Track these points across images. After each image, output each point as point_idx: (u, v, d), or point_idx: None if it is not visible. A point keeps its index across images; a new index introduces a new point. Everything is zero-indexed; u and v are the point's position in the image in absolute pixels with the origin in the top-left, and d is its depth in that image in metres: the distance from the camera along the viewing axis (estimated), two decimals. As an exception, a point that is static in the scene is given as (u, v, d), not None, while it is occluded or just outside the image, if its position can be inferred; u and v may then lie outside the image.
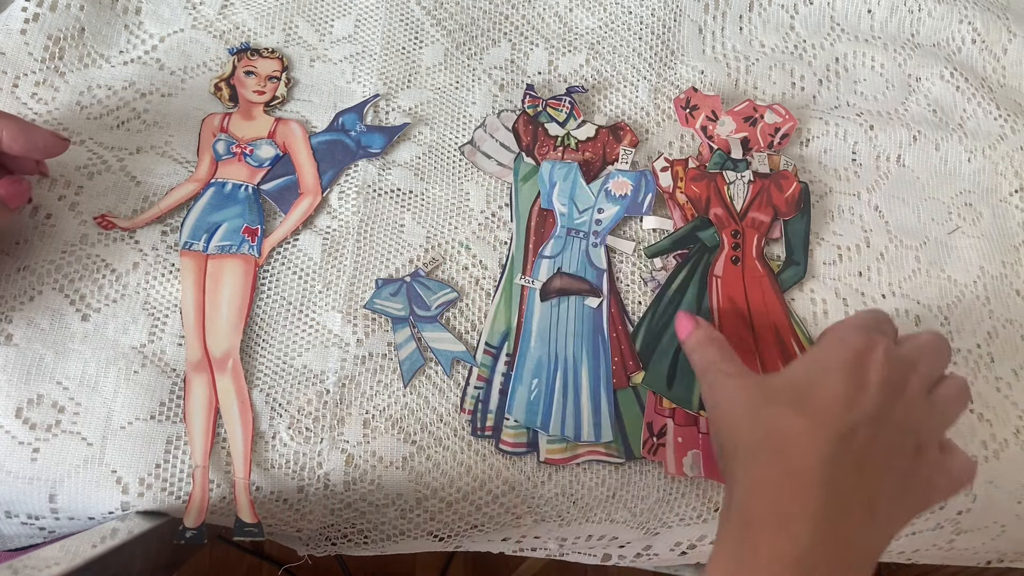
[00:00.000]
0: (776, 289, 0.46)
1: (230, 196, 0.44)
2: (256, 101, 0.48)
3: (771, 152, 0.49)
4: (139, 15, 0.49)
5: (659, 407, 0.43)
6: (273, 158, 0.46)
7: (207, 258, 0.43)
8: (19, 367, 0.39)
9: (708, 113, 0.50)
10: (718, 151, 0.49)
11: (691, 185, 0.48)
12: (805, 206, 0.48)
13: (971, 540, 0.46)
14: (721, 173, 0.48)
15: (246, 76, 0.48)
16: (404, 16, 0.52)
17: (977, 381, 0.46)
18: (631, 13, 0.54)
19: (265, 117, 0.47)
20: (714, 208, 0.47)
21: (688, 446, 0.42)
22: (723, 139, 0.49)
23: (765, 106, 0.50)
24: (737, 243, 0.47)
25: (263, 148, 0.46)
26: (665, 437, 0.42)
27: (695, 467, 0.42)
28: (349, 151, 0.47)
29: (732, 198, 0.47)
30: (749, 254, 0.46)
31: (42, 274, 0.41)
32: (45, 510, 0.38)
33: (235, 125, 0.47)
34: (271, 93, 0.48)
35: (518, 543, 0.45)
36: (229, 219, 0.44)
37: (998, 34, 0.57)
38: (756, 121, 0.50)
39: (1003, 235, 0.51)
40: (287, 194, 0.45)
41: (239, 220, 0.44)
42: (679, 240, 0.47)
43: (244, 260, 0.43)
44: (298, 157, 0.46)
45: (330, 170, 0.46)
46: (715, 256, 0.46)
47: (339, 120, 0.48)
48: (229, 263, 0.43)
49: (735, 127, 0.50)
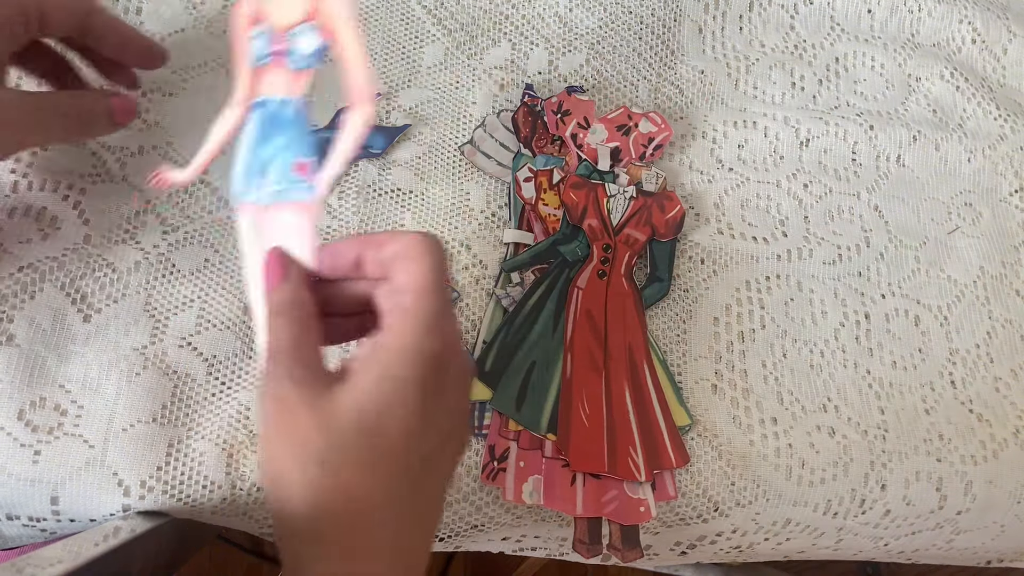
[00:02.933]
0: (639, 309, 0.45)
1: (275, 120, 0.34)
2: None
3: (640, 164, 0.47)
4: (139, 15, 0.49)
5: (504, 429, 0.41)
6: (317, 51, 0.33)
7: (265, 209, 0.33)
8: (21, 369, 0.39)
9: (580, 120, 0.48)
10: (584, 162, 0.47)
11: (570, 191, 0.46)
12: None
13: (971, 540, 0.46)
14: (603, 184, 0.46)
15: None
16: (405, 15, 0.52)
17: (976, 381, 0.47)
18: (631, 13, 0.54)
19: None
20: (589, 219, 0.45)
21: (530, 471, 0.41)
22: (592, 148, 0.47)
23: (641, 114, 0.49)
24: (607, 257, 0.45)
25: (303, 37, 0.33)
26: (507, 461, 0.41)
27: (535, 494, 0.40)
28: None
29: (610, 211, 0.46)
30: (617, 270, 0.45)
31: (44, 271, 0.41)
32: (47, 512, 0.38)
33: (267, 7, 0.34)
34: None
35: (518, 543, 0.45)
36: (278, 153, 0.34)
37: (998, 34, 0.57)
38: (630, 130, 0.48)
39: (1003, 235, 0.51)
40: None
41: (288, 153, 0.34)
42: (539, 254, 0.45)
43: (301, 208, 0.33)
44: (345, 48, 0.33)
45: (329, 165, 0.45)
46: (581, 267, 0.45)
47: (340, 118, 0.47)
48: (285, 213, 0.33)
49: (607, 136, 0.48)
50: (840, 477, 0.43)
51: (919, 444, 0.44)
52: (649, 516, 0.40)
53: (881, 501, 0.43)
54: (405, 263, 0.29)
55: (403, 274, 0.29)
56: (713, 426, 0.43)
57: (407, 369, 0.28)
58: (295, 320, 0.29)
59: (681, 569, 0.55)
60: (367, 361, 0.28)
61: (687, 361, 0.45)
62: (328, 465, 0.27)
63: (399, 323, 0.28)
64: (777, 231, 0.49)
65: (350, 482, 0.27)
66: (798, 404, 0.45)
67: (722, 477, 0.42)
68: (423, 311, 0.28)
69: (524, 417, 0.41)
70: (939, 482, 0.44)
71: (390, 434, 0.27)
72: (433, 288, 0.29)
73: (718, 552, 0.45)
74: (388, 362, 0.28)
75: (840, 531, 0.44)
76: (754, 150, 0.51)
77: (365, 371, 0.28)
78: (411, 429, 0.28)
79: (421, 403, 0.28)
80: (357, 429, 0.27)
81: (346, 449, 0.27)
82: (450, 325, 0.30)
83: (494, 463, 0.41)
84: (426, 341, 0.28)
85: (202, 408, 0.41)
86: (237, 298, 0.43)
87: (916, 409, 0.45)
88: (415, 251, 0.29)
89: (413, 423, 0.28)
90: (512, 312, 0.44)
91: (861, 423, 0.45)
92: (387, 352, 0.28)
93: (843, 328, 0.47)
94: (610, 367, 0.43)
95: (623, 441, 0.41)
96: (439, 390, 0.29)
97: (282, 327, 0.29)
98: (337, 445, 0.27)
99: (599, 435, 0.41)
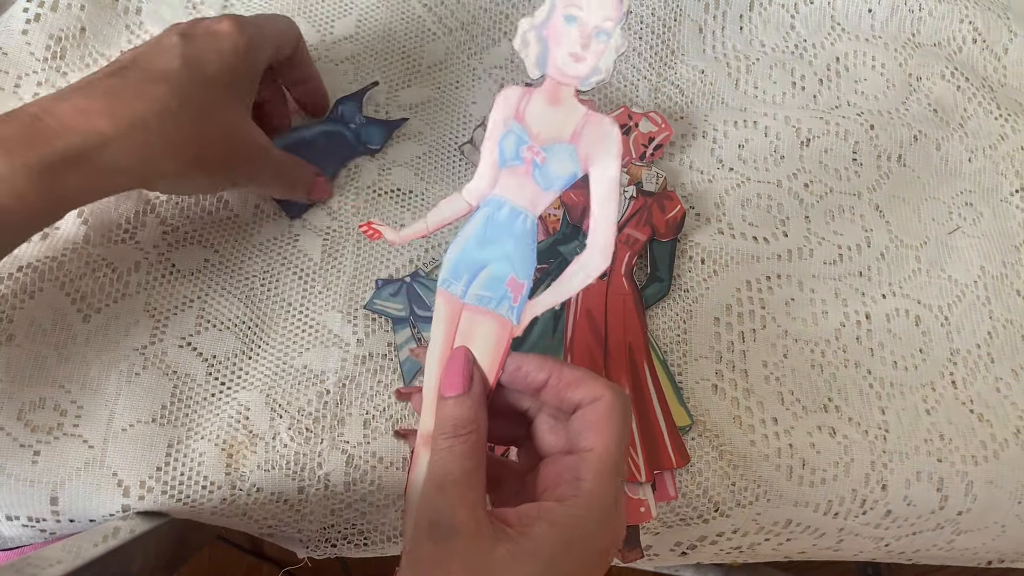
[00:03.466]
0: (639, 309, 0.44)
1: (504, 226, 0.32)
2: (571, 75, 0.30)
3: (640, 164, 0.47)
4: (140, 15, 0.49)
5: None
6: (568, 179, 0.31)
7: (463, 307, 0.32)
8: (21, 369, 0.39)
9: None
10: None
11: (570, 191, 0.45)
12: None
13: (971, 540, 0.46)
14: None
15: (566, 24, 0.30)
16: (405, 14, 0.52)
17: (977, 381, 0.46)
18: (631, 12, 0.54)
19: (576, 105, 0.30)
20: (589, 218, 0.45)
21: None
22: None
23: (641, 113, 0.48)
24: None
25: (559, 158, 0.30)
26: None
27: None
28: (349, 144, 0.46)
29: None
30: (618, 270, 0.45)
31: (44, 271, 0.41)
32: (46, 512, 0.38)
33: (534, 111, 0.31)
34: (593, 62, 0.30)
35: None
36: (496, 260, 0.32)
37: (999, 34, 0.57)
38: (630, 130, 0.48)
39: (1004, 235, 0.51)
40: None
41: (506, 265, 0.31)
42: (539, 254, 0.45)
43: (500, 323, 0.31)
44: (600, 187, 0.30)
45: (331, 166, 0.46)
46: None
47: (338, 109, 0.47)
48: (484, 321, 0.31)
49: None
50: (841, 477, 0.43)
51: (920, 444, 0.44)
52: (649, 516, 0.40)
53: (882, 501, 0.43)
54: (594, 431, 0.28)
55: (589, 441, 0.28)
56: (714, 426, 0.43)
57: (573, 561, 0.27)
58: (470, 448, 0.28)
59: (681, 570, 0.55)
60: (534, 533, 0.27)
61: (687, 361, 0.45)
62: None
63: (574, 503, 0.27)
64: (778, 231, 0.49)
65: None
66: (799, 404, 0.44)
67: (723, 477, 0.42)
68: (602, 501, 0.27)
69: None
70: (940, 482, 0.44)
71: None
72: (615, 470, 0.28)
73: (719, 552, 0.45)
74: (557, 544, 0.26)
75: (841, 531, 0.44)
76: (755, 150, 0.51)
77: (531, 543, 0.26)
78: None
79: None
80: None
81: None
82: (622, 513, 0.29)
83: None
84: (600, 538, 0.27)
85: (202, 408, 0.40)
86: (237, 298, 0.43)
87: (917, 409, 0.45)
88: (607, 418, 0.28)
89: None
90: None
91: (862, 423, 0.44)
92: (555, 531, 0.27)
93: (844, 328, 0.47)
94: (610, 367, 0.43)
95: (623, 441, 0.41)
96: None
97: (455, 453, 0.28)
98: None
99: (599, 435, 0.41)
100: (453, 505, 0.27)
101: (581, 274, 0.31)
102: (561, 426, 0.30)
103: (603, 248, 0.30)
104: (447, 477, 0.28)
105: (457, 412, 0.29)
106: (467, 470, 0.28)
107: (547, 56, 0.30)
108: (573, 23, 0.29)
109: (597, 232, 0.30)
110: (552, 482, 0.29)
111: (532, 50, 0.30)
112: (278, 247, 0.44)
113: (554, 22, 0.30)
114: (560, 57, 0.30)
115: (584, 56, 0.29)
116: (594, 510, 0.27)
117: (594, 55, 0.29)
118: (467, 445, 0.28)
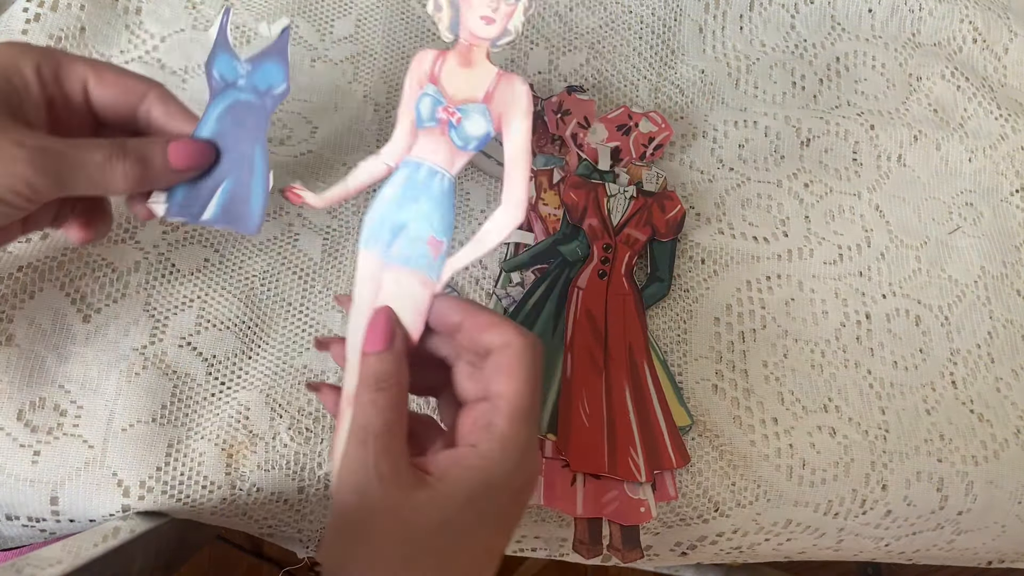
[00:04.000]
0: (639, 309, 0.44)
1: (424, 186, 0.32)
2: (482, 36, 0.31)
3: (640, 163, 0.47)
4: (139, 15, 0.49)
5: None
6: (483, 138, 0.32)
7: (385, 266, 0.32)
8: (21, 369, 0.39)
9: (580, 119, 0.48)
10: (585, 161, 0.47)
11: (570, 192, 0.46)
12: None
13: (971, 540, 0.46)
14: (603, 184, 0.46)
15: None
16: (404, 13, 0.52)
17: (977, 381, 0.46)
18: (631, 12, 0.54)
19: (487, 66, 0.32)
20: (590, 219, 0.45)
21: None
22: (592, 148, 0.47)
23: (641, 113, 0.48)
24: (607, 257, 0.45)
25: (474, 118, 0.32)
26: None
27: (535, 494, 0.40)
28: (256, 108, 0.35)
29: (610, 211, 0.46)
30: (618, 270, 0.45)
31: (44, 271, 0.41)
32: (46, 512, 0.38)
33: (448, 73, 0.32)
34: (503, 24, 0.31)
35: (518, 543, 0.45)
36: (415, 220, 0.32)
37: (999, 33, 0.57)
38: (630, 130, 0.48)
39: (1004, 235, 0.51)
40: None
41: (425, 224, 0.32)
42: (539, 254, 0.45)
43: (421, 281, 0.32)
44: (512, 144, 0.32)
45: (256, 146, 0.35)
46: (581, 267, 0.45)
47: (214, 74, 0.35)
48: (405, 279, 0.32)
49: (607, 135, 0.48)
50: (841, 477, 0.43)
51: (920, 444, 0.44)
52: (649, 516, 0.40)
53: (882, 501, 0.43)
54: (504, 375, 0.29)
55: (500, 386, 0.29)
56: (714, 426, 0.43)
57: (490, 503, 0.28)
58: (391, 401, 0.29)
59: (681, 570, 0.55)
60: (451, 478, 0.28)
61: (688, 361, 0.45)
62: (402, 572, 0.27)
63: (488, 448, 0.28)
64: (778, 231, 0.49)
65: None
66: (799, 404, 0.44)
67: (723, 477, 0.42)
68: (515, 444, 0.28)
69: None
70: (940, 482, 0.44)
71: (461, 560, 0.28)
72: (527, 414, 0.29)
73: (719, 553, 0.45)
74: (473, 488, 0.28)
75: (841, 531, 0.44)
76: (755, 149, 0.51)
77: (448, 487, 0.28)
78: (480, 561, 0.28)
79: (495, 535, 0.29)
80: (434, 549, 0.27)
81: (420, 567, 0.27)
82: (535, 455, 0.30)
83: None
84: (514, 479, 0.28)
85: (202, 408, 0.40)
86: (237, 298, 0.43)
87: (917, 409, 0.45)
88: (517, 363, 0.29)
89: (481, 556, 0.28)
90: (512, 312, 0.44)
91: (862, 423, 0.44)
92: (472, 474, 0.28)
93: (844, 328, 0.47)
94: (610, 367, 0.43)
95: (623, 441, 0.41)
96: (512, 521, 0.29)
97: (377, 406, 0.29)
98: (412, 558, 0.27)
99: (599, 435, 0.41)
100: (376, 456, 0.28)
101: (495, 230, 0.32)
102: (479, 373, 0.30)
103: (517, 203, 0.31)
104: (369, 429, 0.28)
105: (378, 367, 0.30)
106: (388, 422, 0.29)
107: (459, 19, 0.31)
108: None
109: (511, 188, 0.31)
110: (468, 429, 0.30)
111: (445, 14, 0.31)
112: (278, 247, 0.44)
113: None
114: (471, 20, 0.31)
115: (494, 18, 0.31)
116: (508, 452, 0.28)
117: (503, 17, 0.31)
118: (389, 398, 0.29)
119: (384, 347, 0.30)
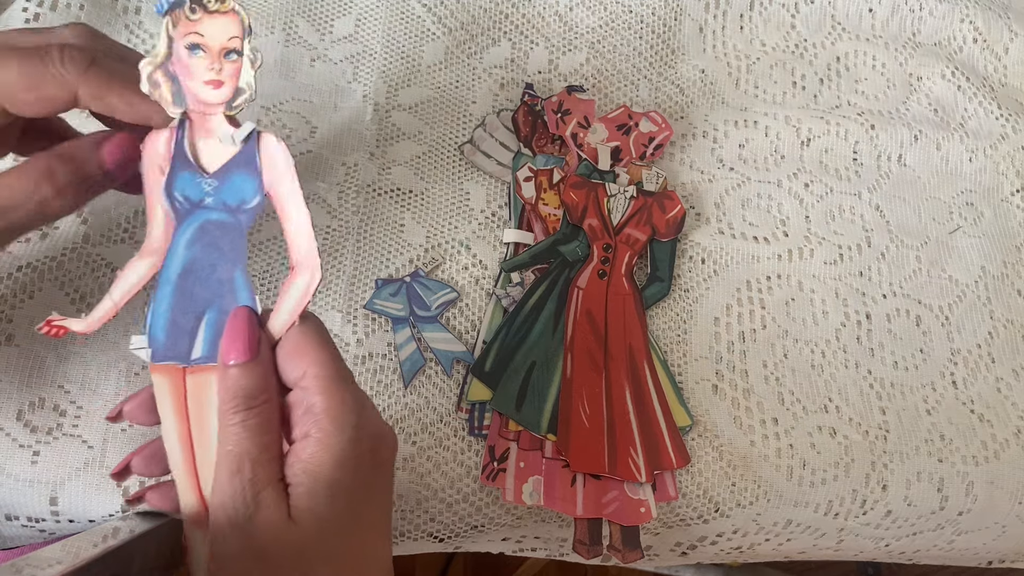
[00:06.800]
0: (639, 309, 0.44)
1: (204, 270, 0.29)
2: (213, 102, 0.28)
3: (640, 163, 0.47)
4: (139, 15, 0.49)
5: (504, 430, 0.41)
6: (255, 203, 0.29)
7: (184, 372, 0.29)
8: (20, 369, 0.39)
9: (580, 119, 0.48)
10: (585, 161, 0.47)
11: (570, 191, 0.45)
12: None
13: (972, 540, 0.46)
14: (603, 184, 0.46)
15: (190, 54, 0.28)
16: (405, 14, 0.52)
17: (977, 381, 0.46)
18: (632, 12, 0.54)
19: (233, 130, 0.29)
20: (589, 219, 0.45)
21: (530, 472, 0.40)
22: (592, 148, 0.47)
23: (641, 113, 0.48)
24: (607, 257, 0.45)
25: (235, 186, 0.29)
26: (507, 462, 0.40)
27: (535, 495, 0.40)
28: (231, 227, 0.29)
29: (610, 211, 0.46)
30: (618, 270, 0.45)
31: (43, 271, 0.41)
32: (46, 513, 0.38)
33: (196, 144, 0.29)
34: (232, 84, 0.28)
35: (518, 544, 0.45)
36: (209, 310, 0.29)
37: (999, 33, 0.57)
38: (630, 129, 0.48)
39: (1004, 235, 0.51)
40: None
41: (215, 313, 0.29)
42: (539, 254, 0.45)
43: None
44: (284, 203, 0.29)
45: (236, 270, 0.29)
46: (581, 267, 0.45)
47: (176, 196, 0.29)
48: (211, 378, 0.28)
49: (607, 135, 0.48)
50: (841, 478, 0.43)
51: (920, 444, 0.44)
52: (649, 517, 0.40)
53: (882, 502, 0.43)
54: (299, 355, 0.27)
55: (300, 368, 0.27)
56: (714, 426, 0.43)
57: (348, 473, 0.26)
58: (265, 421, 0.26)
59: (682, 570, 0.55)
60: (299, 481, 0.26)
61: (687, 361, 0.45)
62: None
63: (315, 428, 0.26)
64: (778, 231, 0.49)
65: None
66: (799, 404, 0.44)
67: (723, 478, 0.42)
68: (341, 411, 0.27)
69: (524, 417, 0.41)
70: (940, 483, 0.44)
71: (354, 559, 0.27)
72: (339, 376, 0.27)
73: (719, 553, 0.45)
74: (325, 474, 0.26)
75: (841, 532, 0.44)
76: (755, 149, 0.51)
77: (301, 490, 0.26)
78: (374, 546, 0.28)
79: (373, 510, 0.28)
80: (323, 557, 0.26)
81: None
82: (369, 412, 0.28)
83: (494, 464, 0.41)
84: (360, 443, 0.27)
85: (201, 408, 0.40)
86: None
87: (917, 409, 0.45)
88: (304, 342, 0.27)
89: (373, 541, 0.28)
90: (512, 312, 0.43)
91: (862, 423, 0.44)
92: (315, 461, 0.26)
93: (844, 328, 0.47)
94: (610, 367, 0.43)
95: (623, 441, 0.41)
96: (383, 484, 0.28)
97: (249, 427, 0.26)
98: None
99: (599, 436, 0.41)
100: (256, 485, 0.25)
101: (299, 297, 0.28)
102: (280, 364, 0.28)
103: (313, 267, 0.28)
104: (245, 458, 0.26)
105: (245, 382, 0.26)
106: (265, 445, 0.26)
107: (182, 90, 0.28)
108: (198, 52, 0.28)
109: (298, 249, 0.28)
110: (297, 422, 0.27)
111: (165, 89, 0.28)
112: (278, 247, 0.44)
113: (178, 56, 0.28)
114: (196, 88, 0.28)
115: (221, 80, 0.28)
116: (338, 422, 0.26)
117: (231, 76, 0.28)
118: (261, 418, 0.26)
119: (249, 356, 0.27)
